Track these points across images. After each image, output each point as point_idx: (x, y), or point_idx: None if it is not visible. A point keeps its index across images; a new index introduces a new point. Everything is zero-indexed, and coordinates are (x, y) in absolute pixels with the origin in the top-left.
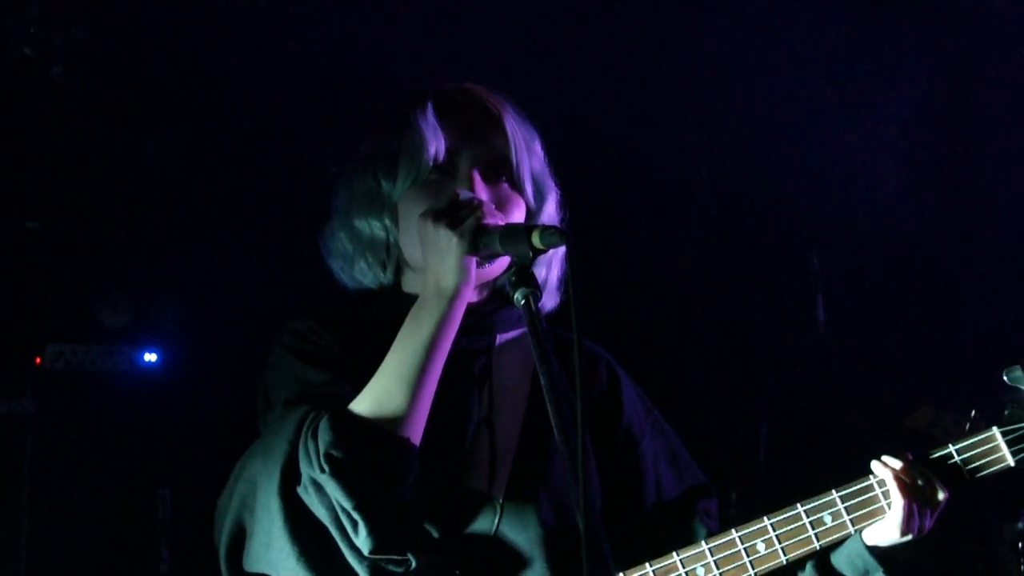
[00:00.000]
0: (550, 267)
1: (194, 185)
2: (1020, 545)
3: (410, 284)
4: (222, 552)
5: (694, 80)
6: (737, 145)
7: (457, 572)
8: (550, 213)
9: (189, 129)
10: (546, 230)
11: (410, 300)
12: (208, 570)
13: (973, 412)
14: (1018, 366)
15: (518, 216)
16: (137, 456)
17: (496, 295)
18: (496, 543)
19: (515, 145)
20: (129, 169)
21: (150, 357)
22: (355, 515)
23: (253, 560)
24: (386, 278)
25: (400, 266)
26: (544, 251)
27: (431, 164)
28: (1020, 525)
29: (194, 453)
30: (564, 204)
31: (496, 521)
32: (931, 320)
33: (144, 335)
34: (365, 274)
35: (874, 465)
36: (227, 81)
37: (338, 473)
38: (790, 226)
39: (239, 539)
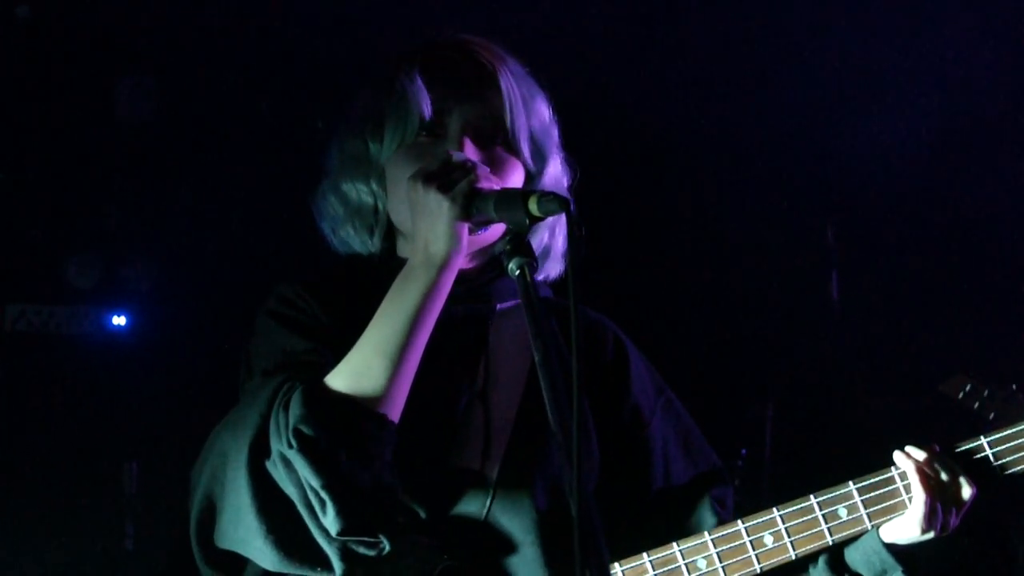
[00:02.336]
0: (553, 233)
1: (170, 136)
2: None
3: (404, 249)
4: (192, 527)
5: (705, 44)
6: (747, 109)
7: (446, 556)
8: (553, 176)
9: (166, 76)
10: (544, 196)
11: (403, 266)
12: (174, 547)
13: (1014, 386)
14: None
15: (515, 180)
16: (103, 426)
17: (494, 263)
18: (486, 527)
19: (511, 103)
20: (100, 118)
21: (119, 320)
22: (323, 494)
23: (222, 537)
24: (374, 245)
25: (393, 232)
26: (542, 219)
27: (419, 125)
28: None
29: (164, 424)
30: (572, 167)
31: (488, 504)
32: (955, 297)
33: (113, 296)
34: (353, 239)
35: (896, 456)
36: (207, 24)
37: (306, 449)
38: (802, 196)
39: (210, 514)
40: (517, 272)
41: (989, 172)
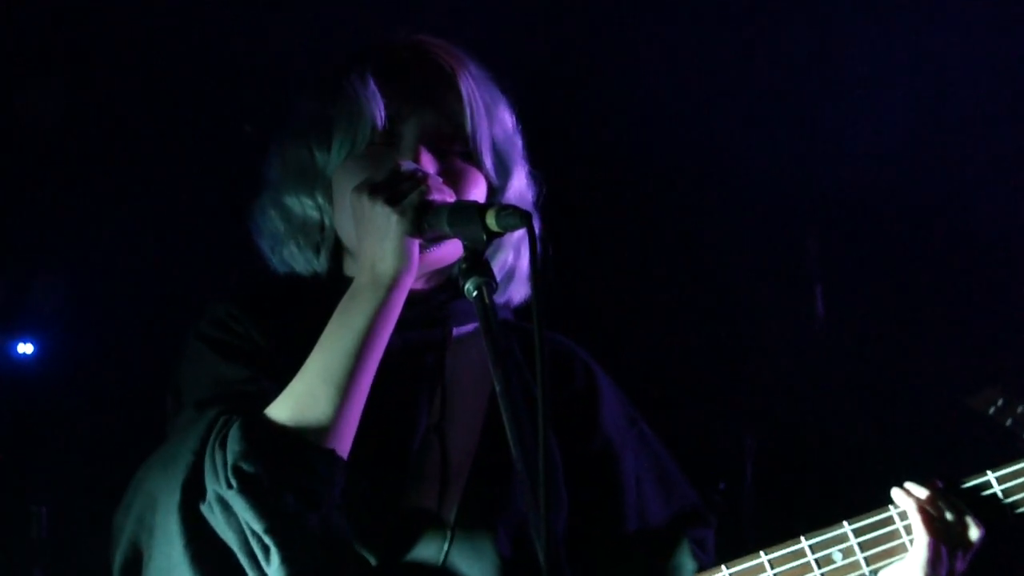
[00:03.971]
0: (519, 253)
1: (80, 141)
2: None
3: (351, 268)
4: None
5: (681, 49)
6: (721, 112)
7: None
8: (517, 190)
9: (74, 73)
10: (503, 209)
11: (350, 285)
12: None
13: None
14: None
15: (476, 194)
16: (8, 466)
17: (450, 284)
18: (444, 574)
19: (472, 110)
20: (2, 121)
21: (25, 348)
22: (266, 539)
23: None
24: (320, 264)
25: (339, 250)
26: (500, 234)
27: (370, 132)
28: None
29: (78, 464)
30: (537, 181)
31: (445, 548)
32: (951, 312)
33: (17, 321)
34: (296, 258)
35: (895, 493)
36: (122, 10)
37: (248, 489)
38: (783, 204)
39: (135, 564)
40: (475, 293)
41: (984, 179)
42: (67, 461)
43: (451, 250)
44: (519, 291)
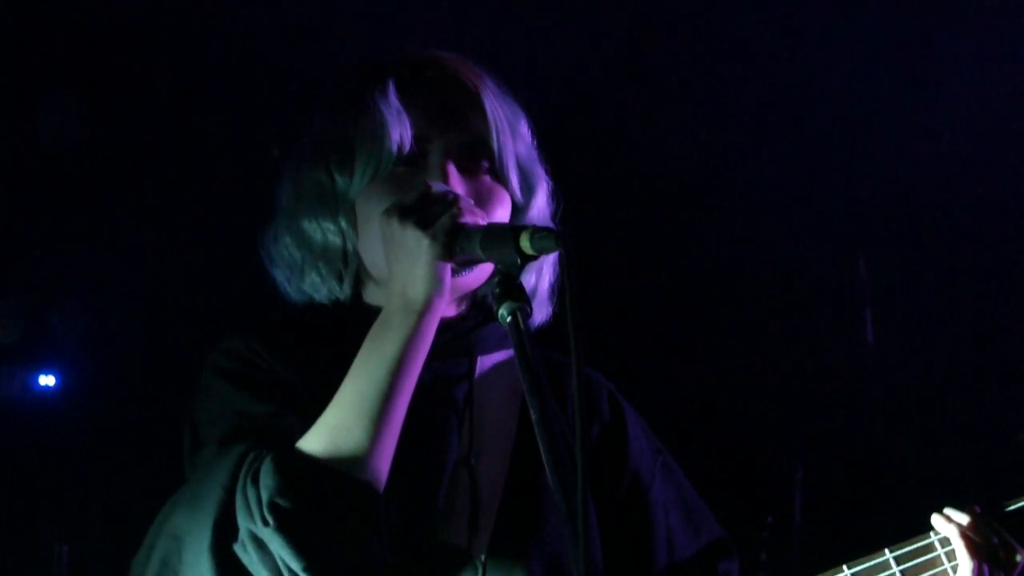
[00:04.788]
0: (541, 272)
1: (101, 167)
2: None
3: (373, 295)
4: None
5: (717, 52)
6: (767, 126)
7: None
8: (540, 208)
9: (94, 96)
10: (537, 232)
11: (374, 313)
12: None
13: None
14: None
15: (502, 213)
16: (29, 503)
17: (477, 308)
18: None
19: (497, 127)
20: (19, 146)
21: (47, 380)
22: None
23: None
24: (343, 292)
25: (361, 277)
26: (535, 257)
27: (395, 154)
28: None
29: (100, 501)
30: (557, 196)
31: None
32: (1001, 338)
33: (39, 353)
34: (318, 288)
35: (935, 520)
36: (143, 31)
37: (285, 526)
38: (832, 225)
39: None
40: (509, 318)
41: None
42: (90, 497)
43: (482, 273)
44: (540, 313)
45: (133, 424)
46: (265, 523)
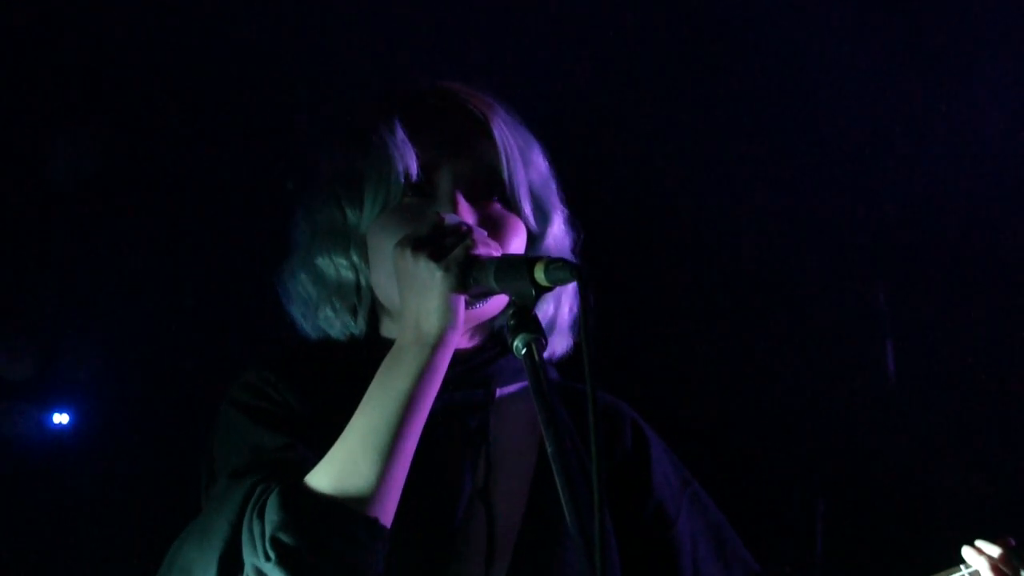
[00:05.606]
0: (559, 303)
1: (115, 200)
2: None
3: (389, 329)
4: None
5: (737, 71)
6: (784, 151)
7: None
8: (556, 237)
9: (107, 128)
10: (552, 263)
11: (389, 347)
12: None
13: None
14: None
15: (517, 243)
16: (44, 541)
17: (495, 340)
18: None
19: (507, 155)
20: (31, 177)
21: (60, 418)
22: None
23: None
24: (358, 327)
25: (376, 311)
26: (550, 289)
27: (403, 184)
28: None
29: (114, 538)
30: (575, 226)
31: None
32: None
33: (53, 391)
34: (332, 323)
35: (966, 552)
36: (156, 64)
37: (286, 561)
38: (850, 253)
39: None
40: (524, 350)
41: None
42: (104, 535)
43: (496, 304)
44: (560, 344)
45: (148, 461)
46: (267, 558)
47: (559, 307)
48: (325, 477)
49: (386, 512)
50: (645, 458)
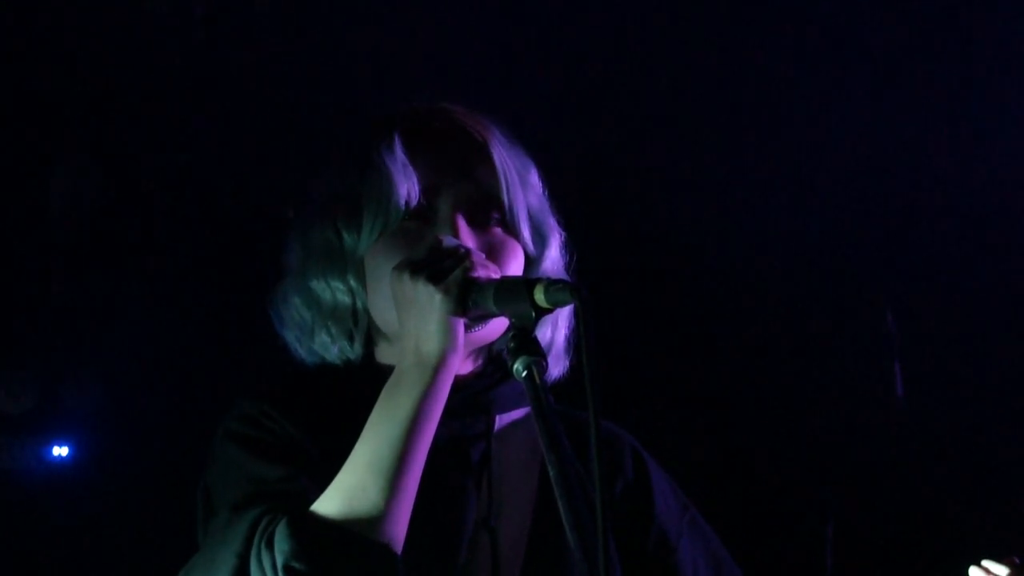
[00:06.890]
0: (556, 325)
1: (113, 231)
2: None
3: (385, 354)
4: None
5: (735, 93)
6: (790, 173)
7: None
8: (554, 260)
9: (107, 166)
10: (552, 284)
11: (386, 372)
12: None
13: None
14: None
15: (515, 266)
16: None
17: (495, 365)
18: None
19: (506, 178)
20: (29, 209)
21: (60, 450)
22: None
23: None
24: (354, 352)
25: (372, 335)
26: (550, 310)
27: (403, 208)
28: None
29: (115, 571)
30: (569, 247)
31: None
32: None
33: (52, 423)
34: (328, 348)
35: (974, 573)
36: (157, 93)
37: None
38: (858, 277)
39: None
40: (524, 374)
41: None
42: (104, 569)
43: (496, 328)
44: (556, 367)
45: (148, 494)
46: None
47: (556, 330)
48: (333, 504)
49: (396, 539)
50: (646, 485)
